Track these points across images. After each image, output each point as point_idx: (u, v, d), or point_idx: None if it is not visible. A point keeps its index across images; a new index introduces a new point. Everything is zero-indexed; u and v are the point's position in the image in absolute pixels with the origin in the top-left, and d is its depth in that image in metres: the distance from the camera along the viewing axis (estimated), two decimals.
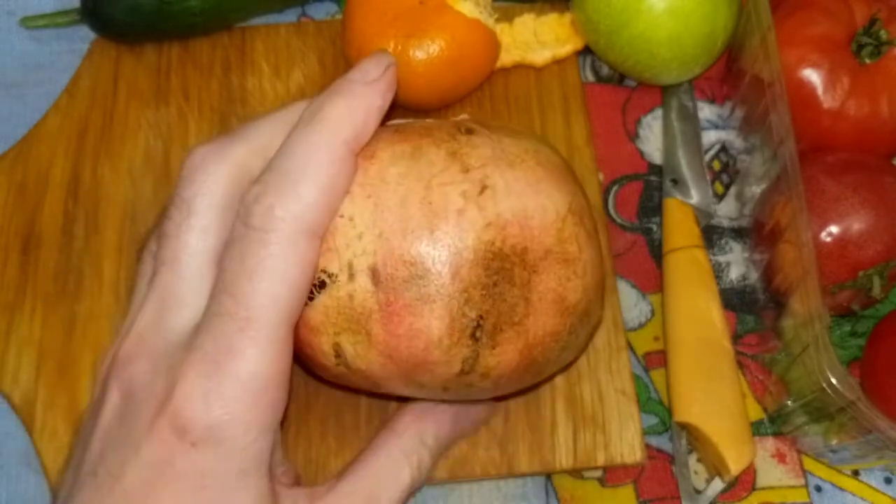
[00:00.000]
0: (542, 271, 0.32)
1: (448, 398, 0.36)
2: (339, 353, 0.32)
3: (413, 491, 0.37)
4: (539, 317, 0.32)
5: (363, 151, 0.33)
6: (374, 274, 0.31)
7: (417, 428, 0.37)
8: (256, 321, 0.30)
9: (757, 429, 0.45)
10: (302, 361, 0.35)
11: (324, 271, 0.32)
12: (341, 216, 0.32)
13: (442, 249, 0.31)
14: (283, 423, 0.32)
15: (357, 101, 0.32)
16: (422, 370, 0.32)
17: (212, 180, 0.33)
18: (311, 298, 0.32)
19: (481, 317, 0.31)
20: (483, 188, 0.32)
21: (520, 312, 0.32)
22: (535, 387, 0.43)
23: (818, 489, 0.44)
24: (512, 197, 0.32)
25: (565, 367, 0.43)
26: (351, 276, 0.31)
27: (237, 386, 0.30)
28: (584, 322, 0.34)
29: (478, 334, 0.31)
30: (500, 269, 0.31)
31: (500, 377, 0.33)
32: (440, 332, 0.31)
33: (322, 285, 0.32)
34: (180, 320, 0.32)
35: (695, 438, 0.44)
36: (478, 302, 0.31)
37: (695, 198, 0.49)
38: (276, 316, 0.30)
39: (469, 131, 0.34)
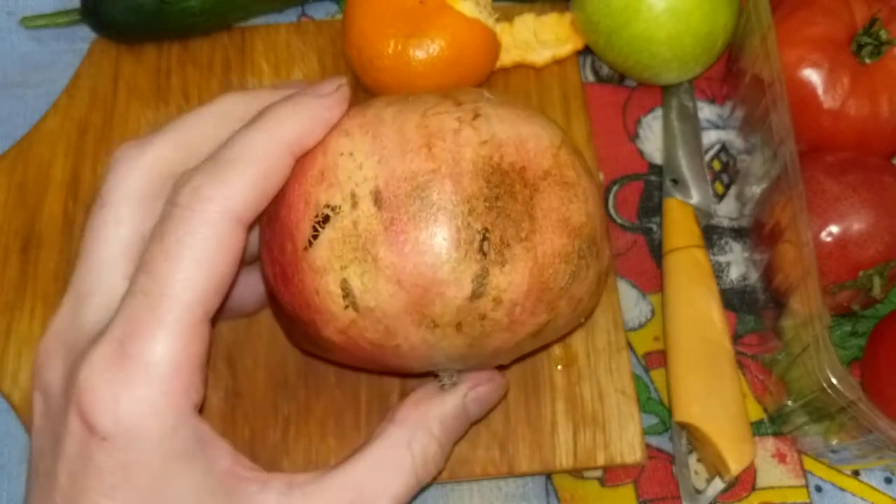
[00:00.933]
0: (542, 190, 0.33)
1: (463, 345, 0.34)
2: (346, 290, 0.32)
3: (419, 485, 0.35)
4: (546, 234, 0.32)
5: (360, 104, 0.34)
6: (377, 196, 0.31)
7: (420, 412, 0.35)
8: (169, 300, 0.29)
9: (757, 429, 0.45)
10: (304, 331, 0.34)
11: (327, 205, 0.32)
12: (341, 154, 0.32)
13: (441, 162, 0.32)
14: (202, 410, 0.31)
15: (303, 109, 0.32)
16: (432, 295, 0.31)
17: (127, 173, 0.33)
18: (315, 237, 0.32)
19: (487, 229, 0.31)
20: (476, 115, 0.33)
21: (525, 228, 0.32)
22: (556, 341, 0.43)
23: (818, 489, 0.44)
24: (505, 124, 0.33)
25: (580, 323, 0.42)
26: (354, 204, 0.32)
27: (146, 371, 0.29)
28: (592, 250, 0.34)
29: (485, 248, 0.31)
30: (501, 184, 0.32)
31: (514, 305, 0.32)
32: (447, 243, 0.31)
33: (326, 220, 0.32)
34: (93, 311, 0.32)
35: (695, 438, 0.44)
36: (482, 213, 0.31)
37: (695, 198, 0.49)
38: (191, 297, 0.29)
39: (457, 89, 0.36)
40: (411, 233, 0.31)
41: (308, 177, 0.33)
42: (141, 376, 0.29)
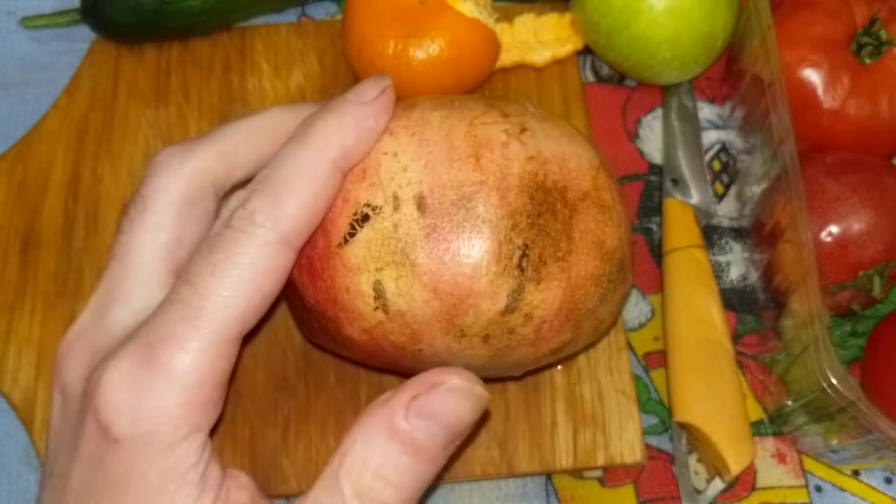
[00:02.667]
0: (581, 211, 0.33)
1: (486, 356, 0.33)
2: (379, 292, 0.32)
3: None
4: (581, 256, 0.32)
5: (404, 103, 0.34)
6: (421, 202, 0.31)
7: (349, 438, 0.30)
8: (207, 314, 0.29)
9: (757, 429, 0.45)
10: (323, 325, 0.34)
11: (367, 205, 0.32)
12: (385, 153, 0.32)
13: (488, 174, 0.32)
14: (213, 433, 0.31)
15: (348, 120, 0.32)
16: (466, 306, 0.31)
17: (170, 179, 0.33)
18: (351, 235, 0.32)
19: (527, 245, 0.31)
20: (523, 129, 0.33)
21: (563, 248, 0.32)
22: (565, 359, 0.42)
23: (818, 489, 0.44)
24: (550, 140, 0.33)
25: (596, 340, 0.42)
26: (396, 207, 0.31)
27: (170, 378, 0.29)
28: (620, 275, 0.34)
29: (524, 264, 0.31)
30: (544, 202, 0.32)
31: (543, 322, 0.32)
32: (489, 256, 0.31)
33: (365, 218, 0.32)
34: (123, 314, 0.32)
35: (695, 438, 0.44)
36: (524, 229, 0.31)
37: (695, 198, 0.49)
38: (230, 314, 0.29)
39: (500, 98, 0.36)
40: (453, 242, 0.31)
41: (349, 172, 0.32)
42: (164, 383, 0.29)
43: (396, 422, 0.29)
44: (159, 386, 0.29)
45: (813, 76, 0.45)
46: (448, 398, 0.30)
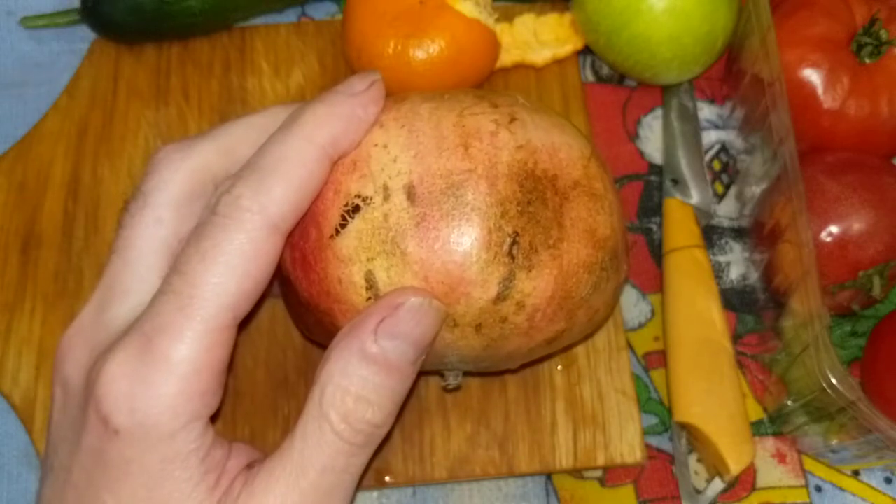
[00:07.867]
0: (572, 199, 0.33)
1: (479, 346, 0.33)
2: (370, 282, 0.32)
3: (360, 448, 0.31)
4: (572, 244, 0.33)
5: (395, 97, 0.34)
6: (410, 191, 0.31)
7: (328, 368, 0.31)
8: (199, 301, 0.29)
9: (757, 429, 0.45)
10: (318, 319, 0.34)
11: (358, 196, 0.32)
12: (375, 145, 0.32)
13: (477, 163, 0.32)
14: (216, 419, 0.31)
15: (337, 109, 0.32)
16: (458, 295, 0.31)
17: (170, 175, 0.33)
18: (343, 226, 0.32)
19: (517, 233, 0.31)
20: (512, 119, 0.33)
21: (554, 236, 0.32)
22: (562, 351, 0.42)
23: (818, 489, 0.44)
24: (539, 130, 0.34)
25: (592, 332, 0.42)
26: (386, 197, 0.32)
27: (167, 368, 0.29)
28: (613, 263, 0.34)
29: (514, 252, 0.31)
30: (534, 189, 0.32)
31: (535, 311, 0.32)
32: (479, 244, 0.31)
33: (356, 209, 0.32)
34: (123, 309, 0.32)
35: (695, 438, 0.44)
36: (514, 217, 0.31)
37: (695, 198, 0.49)
38: (221, 301, 0.29)
39: (491, 90, 0.36)
40: (443, 230, 0.31)
41: (339, 164, 0.33)
42: (162, 374, 0.29)
43: (367, 347, 0.30)
44: (156, 376, 0.29)
45: (813, 76, 0.45)
46: (412, 316, 0.31)
